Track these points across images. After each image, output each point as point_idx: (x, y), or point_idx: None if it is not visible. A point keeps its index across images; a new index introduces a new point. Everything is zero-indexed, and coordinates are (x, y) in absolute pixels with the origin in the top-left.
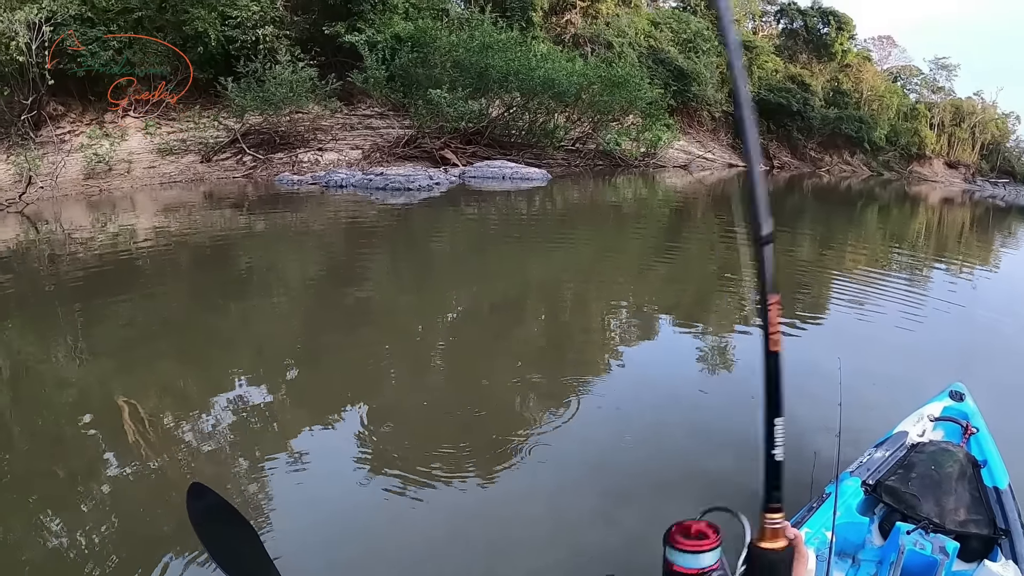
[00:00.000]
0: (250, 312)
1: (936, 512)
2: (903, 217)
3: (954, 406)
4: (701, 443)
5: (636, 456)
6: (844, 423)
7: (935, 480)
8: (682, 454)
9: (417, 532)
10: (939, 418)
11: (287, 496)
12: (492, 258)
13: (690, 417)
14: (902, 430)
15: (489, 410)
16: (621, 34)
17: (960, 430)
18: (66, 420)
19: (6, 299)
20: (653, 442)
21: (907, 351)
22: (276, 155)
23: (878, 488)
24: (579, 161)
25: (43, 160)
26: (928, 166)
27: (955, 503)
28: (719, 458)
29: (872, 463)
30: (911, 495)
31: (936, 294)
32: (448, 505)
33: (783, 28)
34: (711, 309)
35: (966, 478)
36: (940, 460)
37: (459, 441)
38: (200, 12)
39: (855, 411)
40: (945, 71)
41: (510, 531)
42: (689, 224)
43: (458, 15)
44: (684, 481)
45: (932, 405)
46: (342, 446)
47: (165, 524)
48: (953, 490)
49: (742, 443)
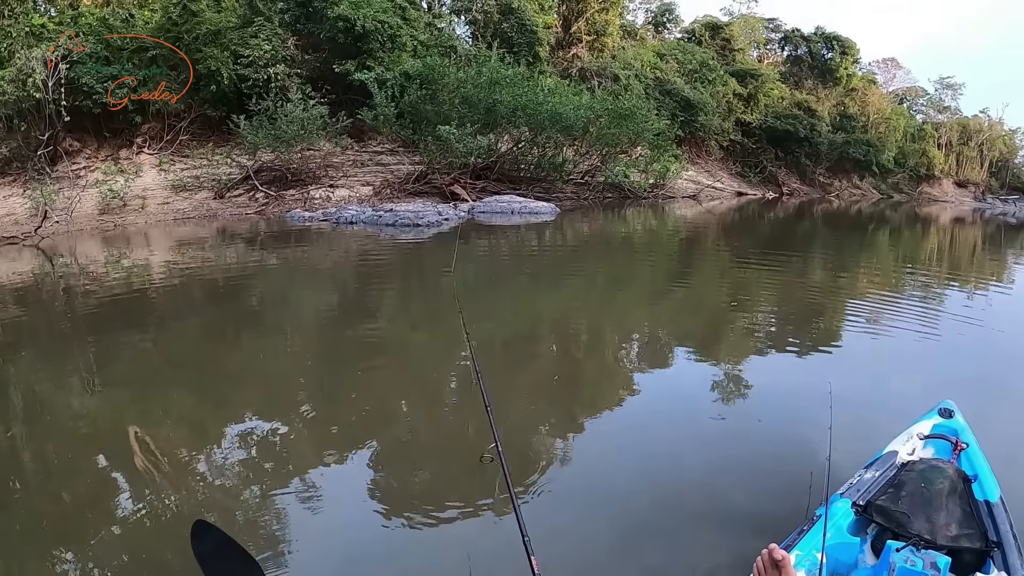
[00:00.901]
0: (261, 346)
1: (927, 528)
2: (914, 239)
3: (943, 423)
4: (718, 473)
5: (655, 488)
6: (844, 445)
7: (925, 497)
8: (700, 485)
9: (433, 569)
10: (929, 436)
11: (298, 529)
12: (501, 293)
13: (706, 446)
14: (892, 450)
15: (503, 443)
16: (627, 66)
17: (950, 447)
18: (77, 451)
19: (21, 330)
20: (672, 472)
21: (918, 369)
22: (288, 191)
23: (869, 508)
24: (588, 194)
25: (58, 195)
26: (937, 186)
27: (946, 519)
28: (736, 488)
29: (862, 484)
30: (902, 513)
31: (952, 310)
32: (464, 540)
33: (788, 55)
34: (722, 338)
35: (957, 493)
36: (930, 477)
37: (474, 475)
38: (213, 51)
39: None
40: (950, 90)
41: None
42: (699, 253)
43: (466, 52)
44: (704, 512)
45: (921, 424)
46: (354, 479)
47: (174, 557)
48: (944, 506)
49: (756, 470)
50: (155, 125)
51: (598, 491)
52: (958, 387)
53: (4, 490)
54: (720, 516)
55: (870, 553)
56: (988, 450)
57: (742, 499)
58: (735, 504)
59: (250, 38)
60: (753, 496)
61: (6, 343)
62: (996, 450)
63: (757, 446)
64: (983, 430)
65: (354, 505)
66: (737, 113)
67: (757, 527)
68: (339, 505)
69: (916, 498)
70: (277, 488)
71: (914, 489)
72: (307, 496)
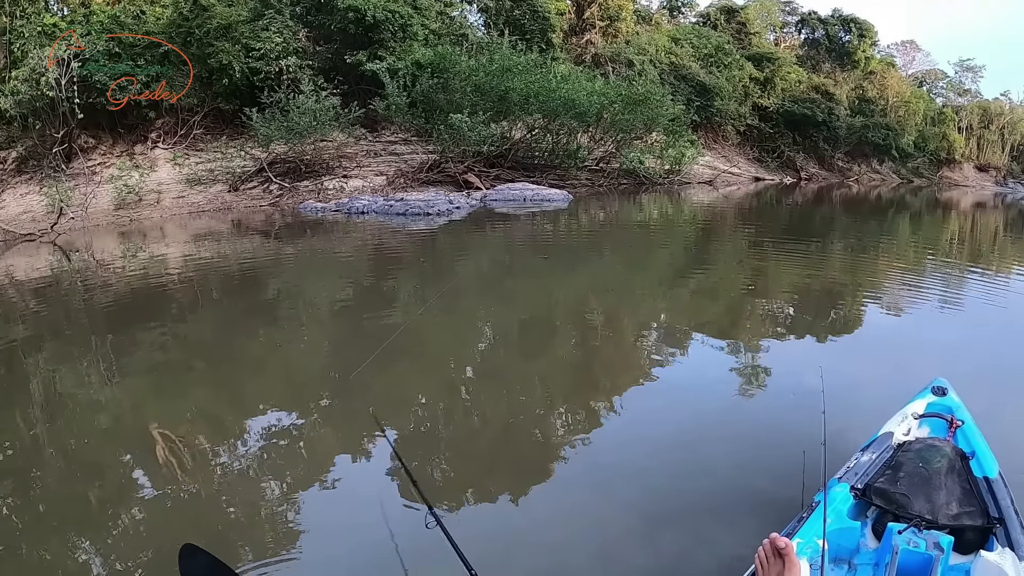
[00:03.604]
0: (277, 337)
1: (928, 509)
2: (934, 224)
3: (937, 401)
4: (737, 462)
5: (674, 476)
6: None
7: (924, 477)
8: (719, 474)
9: (453, 560)
10: (923, 415)
11: (317, 522)
12: (512, 282)
13: (724, 434)
14: (887, 431)
15: (523, 432)
16: (642, 52)
17: (946, 425)
18: (96, 443)
19: (40, 324)
20: (691, 462)
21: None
22: (302, 183)
23: (868, 491)
24: (603, 181)
25: (74, 191)
26: (958, 170)
27: (946, 497)
28: (757, 477)
29: (860, 467)
30: (901, 495)
31: (973, 295)
32: (484, 530)
33: (805, 38)
34: (741, 325)
35: (955, 471)
36: (927, 457)
37: (492, 464)
38: (224, 45)
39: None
40: (971, 73)
41: (553, 555)
42: (716, 239)
43: (477, 40)
44: (723, 501)
45: (915, 403)
46: (373, 471)
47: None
48: (943, 485)
49: (777, 460)
50: (169, 120)
51: (586, 485)
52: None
53: (23, 480)
54: (720, 505)
55: (871, 536)
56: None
57: (743, 485)
58: (736, 491)
59: (261, 31)
60: (753, 482)
61: (26, 337)
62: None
63: (755, 432)
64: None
65: (375, 495)
66: (754, 97)
67: (758, 514)
68: (359, 495)
69: (915, 478)
70: (297, 478)
71: (912, 470)
72: (325, 487)
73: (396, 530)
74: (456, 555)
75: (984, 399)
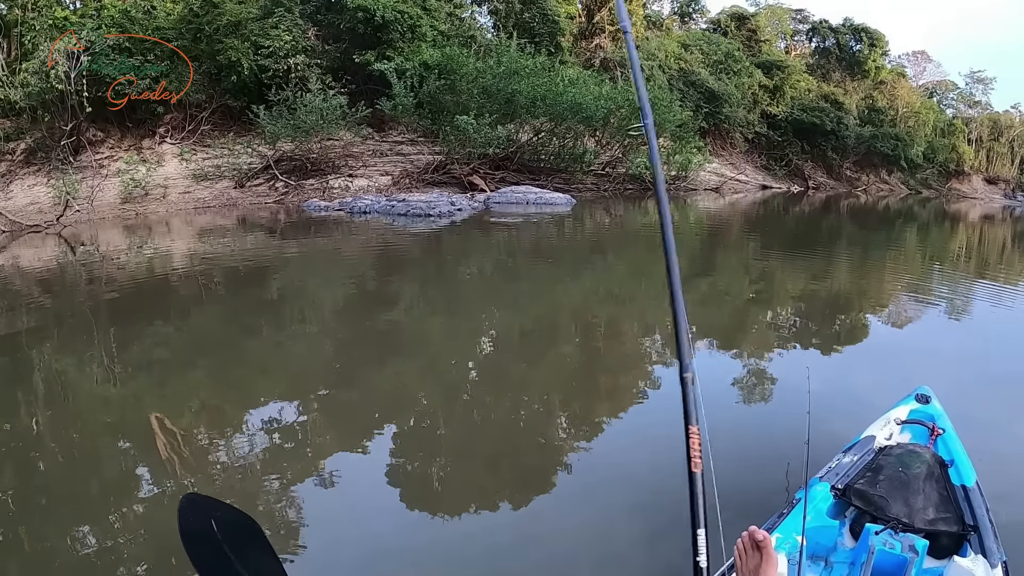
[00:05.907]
0: (281, 334)
1: (905, 512)
2: (942, 236)
3: (920, 409)
4: (742, 468)
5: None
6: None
7: (903, 481)
8: (726, 479)
9: (453, 558)
10: (906, 421)
11: (318, 517)
12: (509, 288)
13: (730, 440)
14: (869, 435)
15: (524, 435)
16: (651, 57)
17: (927, 432)
18: (98, 436)
19: (44, 316)
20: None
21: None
22: (308, 181)
23: (847, 492)
24: (609, 185)
25: (81, 184)
26: (967, 182)
27: (924, 502)
28: (763, 483)
29: (841, 468)
30: (880, 497)
31: (979, 309)
32: (483, 530)
33: (815, 47)
34: (747, 332)
35: (934, 478)
36: (908, 462)
37: (493, 466)
38: (233, 42)
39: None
40: (981, 84)
41: (551, 557)
42: (720, 247)
43: (486, 42)
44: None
45: (898, 409)
46: (373, 469)
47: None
48: (921, 490)
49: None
50: (177, 115)
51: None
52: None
53: (26, 471)
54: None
55: (849, 536)
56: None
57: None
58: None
59: (270, 29)
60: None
61: (29, 328)
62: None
63: (744, 433)
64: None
65: (375, 493)
66: (763, 105)
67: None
68: (360, 492)
69: (894, 482)
70: (298, 474)
71: (892, 473)
72: (327, 484)
73: (396, 527)
74: None
75: (966, 409)
